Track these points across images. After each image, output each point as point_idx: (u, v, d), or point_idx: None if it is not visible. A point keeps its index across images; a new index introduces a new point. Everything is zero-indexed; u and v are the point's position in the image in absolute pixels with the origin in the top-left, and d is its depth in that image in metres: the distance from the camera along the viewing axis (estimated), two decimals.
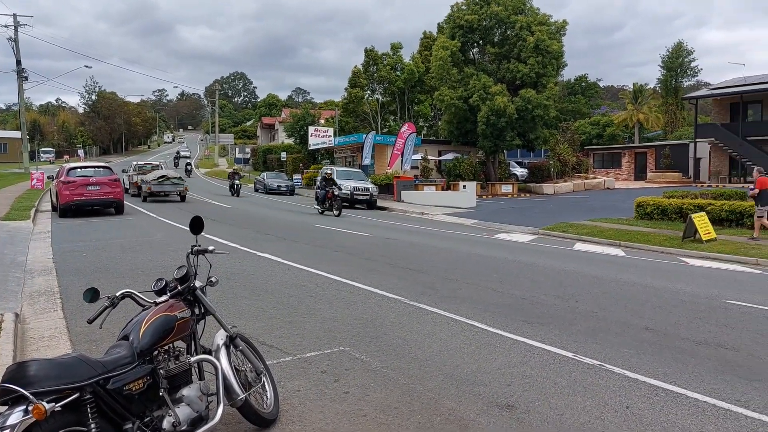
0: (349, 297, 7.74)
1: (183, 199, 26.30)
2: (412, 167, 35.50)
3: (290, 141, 59.02)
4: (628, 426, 3.97)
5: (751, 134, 39.83)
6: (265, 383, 4.14)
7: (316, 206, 23.69)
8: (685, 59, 60.16)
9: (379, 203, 29.16)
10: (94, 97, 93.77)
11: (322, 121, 55.13)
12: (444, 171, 38.51)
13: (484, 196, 33.93)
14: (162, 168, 30.75)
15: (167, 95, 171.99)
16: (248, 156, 69.52)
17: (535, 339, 5.99)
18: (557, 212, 23.89)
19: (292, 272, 9.47)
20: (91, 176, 19.34)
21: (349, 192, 27.70)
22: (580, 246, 16.15)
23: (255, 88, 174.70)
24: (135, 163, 32.76)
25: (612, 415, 4.14)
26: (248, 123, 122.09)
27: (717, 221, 17.48)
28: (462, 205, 27.53)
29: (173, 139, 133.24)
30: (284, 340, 5.81)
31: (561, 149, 41.26)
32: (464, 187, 29.33)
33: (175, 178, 26.44)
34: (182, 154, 78.63)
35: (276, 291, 8.02)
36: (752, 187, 16.21)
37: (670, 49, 60.13)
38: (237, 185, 33.19)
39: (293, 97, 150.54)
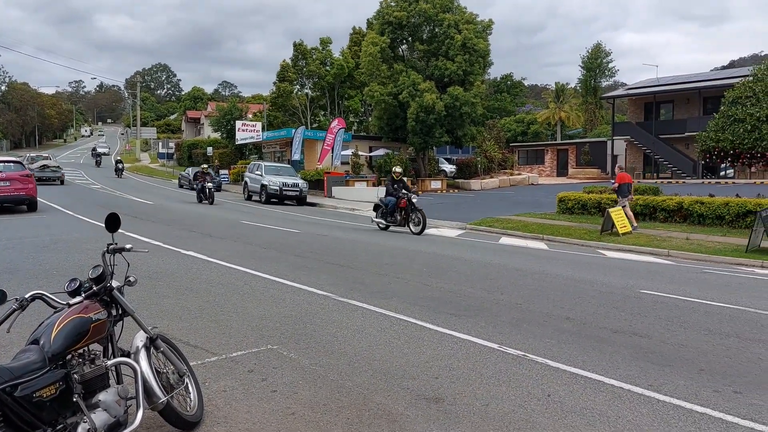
0: (277, 294, 7.63)
1: (62, 183, 34.43)
2: (343, 163, 35.45)
3: (217, 135, 57.55)
4: (550, 413, 4.11)
5: (663, 132, 42.18)
6: (189, 385, 4.01)
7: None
8: (603, 60, 62.94)
9: (310, 199, 28.95)
10: (4, 87, 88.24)
11: (250, 116, 54.06)
12: (375, 167, 38.66)
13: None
14: (50, 160, 40.46)
15: (85, 87, 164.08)
16: (172, 151, 67.21)
17: (463, 331, 6.10)
18: (484, 207, 24.48)
19: (219, 270, 9.24)
20: (0, 171, 18.17)
21: (278, 188, 27.34)
22: (505, 240, 16.61)
23: (179, 80, 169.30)
24: (28, 155, 38.77)
25: (534, 404, 4.28)
26: (172, 117, 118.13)
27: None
28: None
29: (91, 133, 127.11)
30: (210, 340, 5.66)
31: (488, 146, 42.30)
32: None
33: (54, 166, 35.99)
34: (99, 150, 69.31)
35: (201, 290, 7.80)
36: (612, 181, 17.32)
37: (589, 51, 62.72)
38: (209, 190, 25.72)
39: (220, 90, 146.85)
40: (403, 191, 16.89)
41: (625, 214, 16.86)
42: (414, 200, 16.59)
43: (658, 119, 43.75)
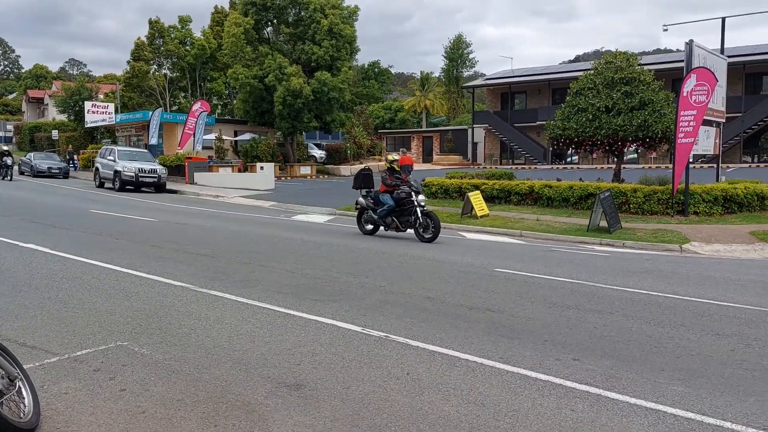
0: (130, 288, 7.15)
1: None
2: (206, 148, 34.04)
3: (63, 117, 52.73)
4: (408, 391, 4.23)
5: (518, 121, 45.06)
6: (22, 389, 3.64)
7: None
8: (465, 51, 65.80)
9: (170, 186, 27.51)
10: None
11: (102, 96, 50.05)
12: (240, 152, 37.57)
13: (283, 178, 33.83)
14: None
15: None
16: (10, 134, 60.62)
17: (327, 316, 6.10)
18: (354, 193, 24.65)
19: (63, 264, 8.47)
20: None
21: (133, 174, 25.69)
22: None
23: (18, 57, 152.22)
24: None
25: (394, 383, 4.37)
26: (10, 96, 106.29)
27: (489, 198, 19.49)
28: (260, 187, 27.14)
29: None
30: (50, 339, 5.17)
31: (356, 132, 42.71)
32: (262, 168, 28.94)
33: None
34: None
35: (42, 286, 7.11)
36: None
37: (452, 41, 65.25)
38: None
39: (67, 69, 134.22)
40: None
41: None
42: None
43: (513, 109, 46.66)
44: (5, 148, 31.39)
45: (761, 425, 3.77)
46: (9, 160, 29.43)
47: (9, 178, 28.98)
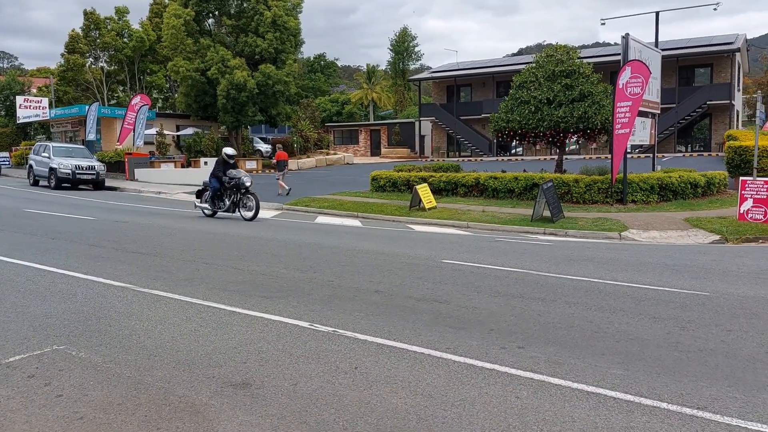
0: (67, 289, 6.87)
1: None
2: (147, 143, 33.07)
3: None
4: (356, 385, 4.22)
5: (464, 114, 45.60)
6: None
7: None
8: (410, 44, 66.12)
9: (109, 183, 26.63)
10: None
11: (34, 91, 47.89)
12: (183, 147, 36.67)
13: None
14: None
15: None
16: None
17: (274, 313, 6.02)
18: (301, 187, 24.48)
19: None
20: None
21: (69, 171, 24.73)
22: (322, 219, 16.81)
23: None
24: None
25: (342, 377, 4.36)
26: None
27: (437, 191, 19.69)
28: None
29: None
30: None
31: (303, 126, 42.30)
32: (206, 163, 28.28)
33: None
34: None
35: None
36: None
37: (397, 34, 65.44)
38: None
39: None
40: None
41: (280, 184, 22.24)
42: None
43: (459, 101, 47.19)
44: None
45: (695, 404, 3.94)
46: None
47: None
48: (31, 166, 27.45)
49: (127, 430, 3.55)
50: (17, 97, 42.29)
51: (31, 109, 40.45)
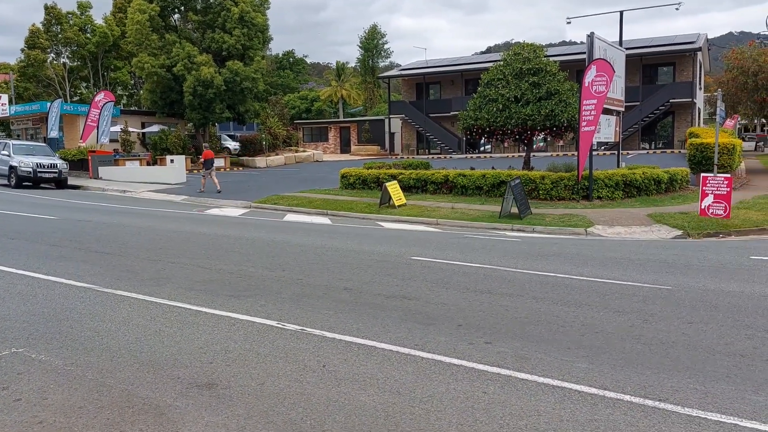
0: (26, 291, 6.68)
1: None
2: (112, 140, 32.38)
3: None
4: (324, 383, 4.20)
5: (433, 111, 45.75)
6: None
7: None
8: (380, 41, 66.05)
9: (72, 182, 26.01)
10: None
11: None
12: (149, 144, 36.03)
13: (195, 171, 32.69)
14: None
15: None
16: None
17: (241, 312, 5.96)
18: (270, 185, 24.27)
19: None
20: None
21: (31, 169, 24.09)
22: (291, 217, 16.69)
23: None
24: None
25: (310, 376, 4.33)
26: None
27: (406, 188, 19.71)
28: (171, 181, 26.13)
29: None
30: None
31: (272, 123, 41.91)
32: (172, 161, 27.85)
33: None
34: None
35: None
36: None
37: (367, 31, 65.28)
38: None
39: None
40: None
41: (212, 181, 22.26)
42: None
43: (428, 99, 47.32)
44: None
45: (656, 396, 4.02)
46: None
47: None
48: None
49: None
50: None
51: None
